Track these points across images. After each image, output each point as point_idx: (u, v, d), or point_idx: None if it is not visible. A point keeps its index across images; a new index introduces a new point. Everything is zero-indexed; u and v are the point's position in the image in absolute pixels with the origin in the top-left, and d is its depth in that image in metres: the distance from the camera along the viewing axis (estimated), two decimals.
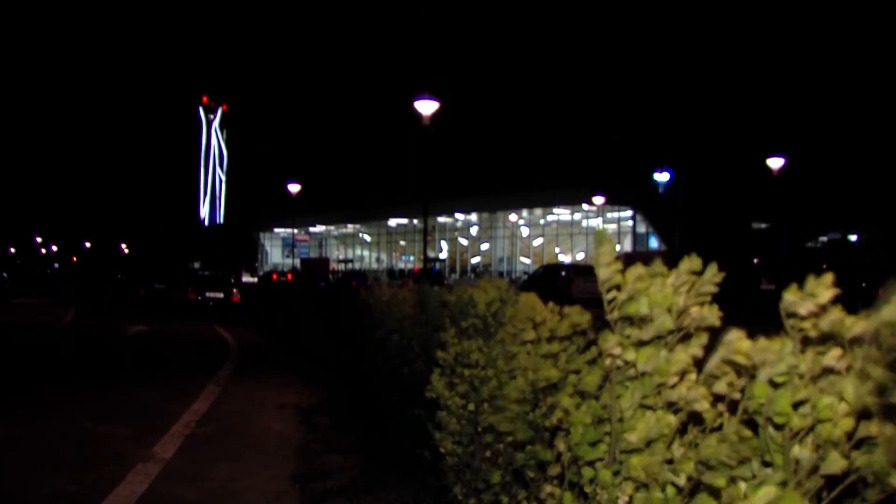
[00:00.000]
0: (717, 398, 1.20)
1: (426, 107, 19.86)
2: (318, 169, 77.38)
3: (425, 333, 4.00)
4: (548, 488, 1.66)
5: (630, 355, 1.26)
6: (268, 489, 4.44)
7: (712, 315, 1.20)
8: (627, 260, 1.28)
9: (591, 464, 1.36)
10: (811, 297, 1.03)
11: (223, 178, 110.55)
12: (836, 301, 1.04)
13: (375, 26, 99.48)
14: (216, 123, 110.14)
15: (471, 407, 2.47)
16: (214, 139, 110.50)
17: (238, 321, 20.02)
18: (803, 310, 1.04)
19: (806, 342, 1.05)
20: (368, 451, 5.26)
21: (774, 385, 1.09)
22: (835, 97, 52.79)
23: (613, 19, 75.93)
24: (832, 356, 1.03)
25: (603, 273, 1.28)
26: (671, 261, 1.25)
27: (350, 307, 8.47)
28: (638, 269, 1.26)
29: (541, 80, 73.01)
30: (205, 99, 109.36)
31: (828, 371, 1.04)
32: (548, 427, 1.58)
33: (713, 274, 1.23)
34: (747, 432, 1.12)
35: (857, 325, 1.02)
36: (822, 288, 1.02)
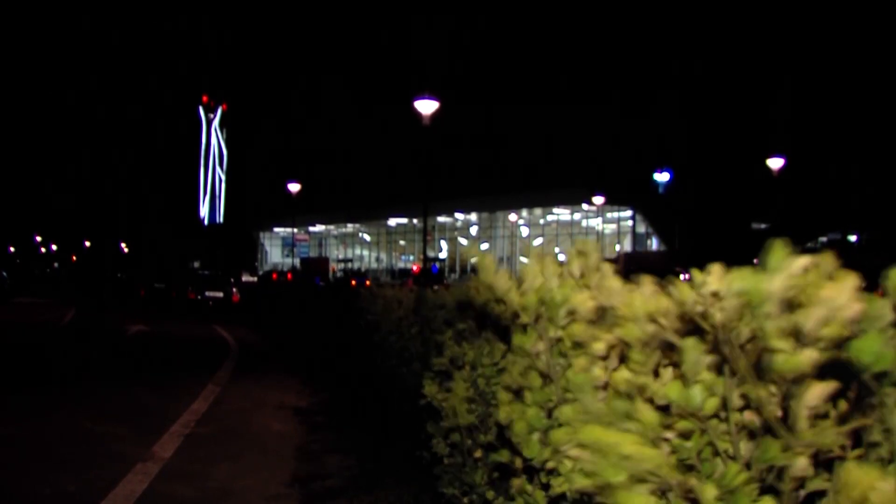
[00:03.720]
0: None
1: (426, 106, 19.89)
2: (318, 168, 77.35)
3: (422, 335, 4.00)
4: (517, 482, 1.66)
5: (555, 332, 1.24)
6: (267, 489, 4.44)
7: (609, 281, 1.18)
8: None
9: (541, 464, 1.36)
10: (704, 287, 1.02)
11: (223, 177, 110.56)
12: None
13: (375, 26, 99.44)
14: (216, 123, 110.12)
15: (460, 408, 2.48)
16: (214, 138, 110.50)
17: (238, 321, 20.01)
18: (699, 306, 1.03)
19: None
20: (368, 451, 5.26)
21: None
22: (835, 97, 52.79)
23: (613, 19, 75.90)
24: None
25: (498, 285, 1.27)
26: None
27: (349, 307, 8.48)
28: (533, 267, 1.25)
29: (540, 80, 73.00)
30: (205, 98, 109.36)
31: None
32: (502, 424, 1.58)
33: (589, 247, 1.21)
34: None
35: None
36: (713, 277, 1.02)
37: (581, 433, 1.03)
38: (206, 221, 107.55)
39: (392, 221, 63.81)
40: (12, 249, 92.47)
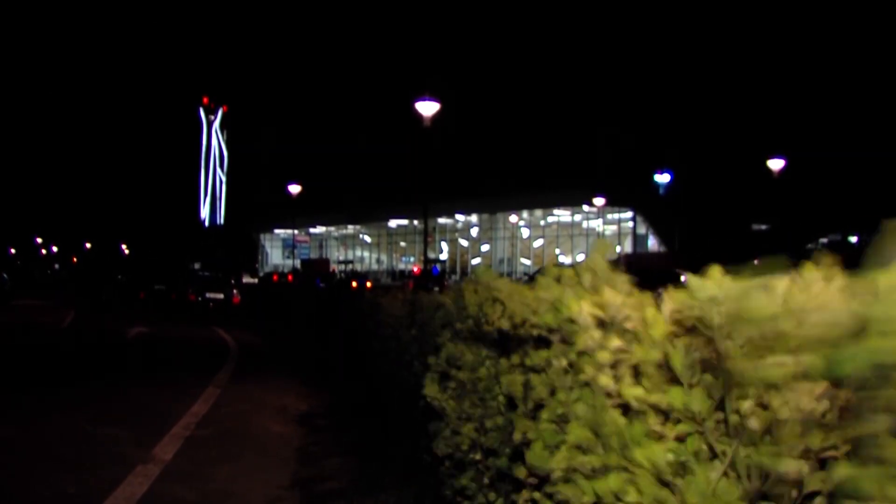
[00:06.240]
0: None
1: (427, 108, 19.89)
2: (319, 170, 77.30)
3: (421, 337, 4.00)
4: (525, 494, 1.66)
5: (564, 361, 1.26)
6: (268, 491, 4.43)
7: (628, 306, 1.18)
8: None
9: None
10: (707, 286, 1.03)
11: (223, 178, 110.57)
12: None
13: (376, 27, 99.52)
14: (216, 124, 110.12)
15: (458, 410, 2.47)
16: (215, 140, 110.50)
17: (238, 322, 20.00)
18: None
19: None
20: (368, 453, 5.25)
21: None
22: (835, 98, 52.79)
23: (614, 20, 75.95)
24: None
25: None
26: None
27: (350, 309, 8.48)
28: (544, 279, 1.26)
29: (541, 81, 73.02)
30: (205, 100, 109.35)
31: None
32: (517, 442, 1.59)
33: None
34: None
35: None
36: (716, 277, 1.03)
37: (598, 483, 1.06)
38: (206, 223, 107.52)
39: (392, 223, 63.79)
40: (13, 251, 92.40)
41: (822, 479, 1.01)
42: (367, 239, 71.23)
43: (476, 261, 61.83)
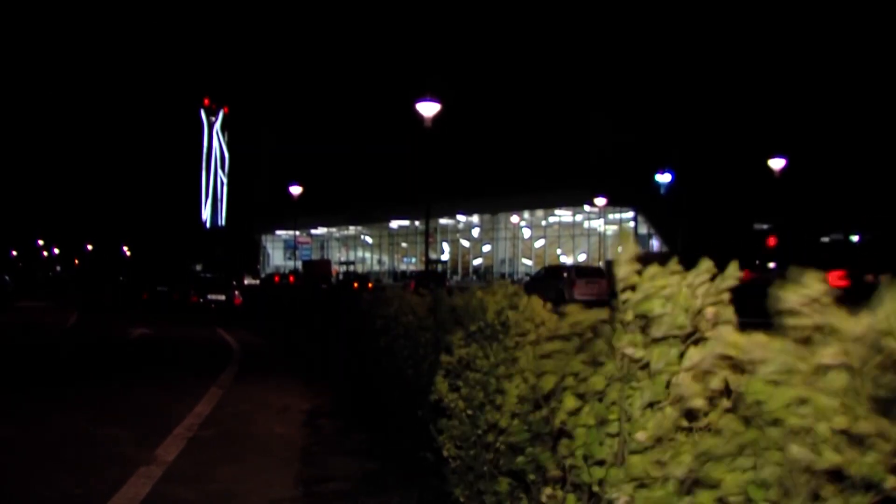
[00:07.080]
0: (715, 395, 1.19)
1: (428, 108, 19.89)
2: (320, 171, 77.23)
3: (433, 338, 3.99)
4: (548, 490, 1.66)
5: (641, 353, 1.26)
6: (271, 492, 4.44)
7: (727, 314, 1.19)
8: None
9: (599, 464, 1.36)
10: (804, 290, 1.03)
11: (225, 180, 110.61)
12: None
13: (376, 27, 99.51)
14: (218, 125, 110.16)
15: (469, 411, 2.47)
16: (216, 141, 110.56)
17: (240, 324, 20.01)
18: (797, 304, 1.04)
19: (801, 339, 1.05)
20: (371, 453, 5.26)
21: (771, 383, 1.08)
22: (836, 97, 52.66)
23: (614, 20, 75.86)
24: (828, 353, 1.03)
25: (621, 271, 1.28)
26: (680, 262, 1.26)
27: (352, 310, 8.48)
28: (653, 269, 1.25)
29: (542, 82, 72.91)
30: (206, 101, 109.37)
31: (823, 368, 1.04)
32: (550, 432, 1.58)
33: (732, 272, 1.22)
34: (741, 427, 1.12)
35: (853, 325, 1.02)
36: (815, 282, 1.03)
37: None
38: (207, 224, 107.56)
39: (394, 223, 63.80)
40: (15, 253, 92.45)
41: None
42: (369, 240, 71.22)
43: (477, 261, 61.84)
